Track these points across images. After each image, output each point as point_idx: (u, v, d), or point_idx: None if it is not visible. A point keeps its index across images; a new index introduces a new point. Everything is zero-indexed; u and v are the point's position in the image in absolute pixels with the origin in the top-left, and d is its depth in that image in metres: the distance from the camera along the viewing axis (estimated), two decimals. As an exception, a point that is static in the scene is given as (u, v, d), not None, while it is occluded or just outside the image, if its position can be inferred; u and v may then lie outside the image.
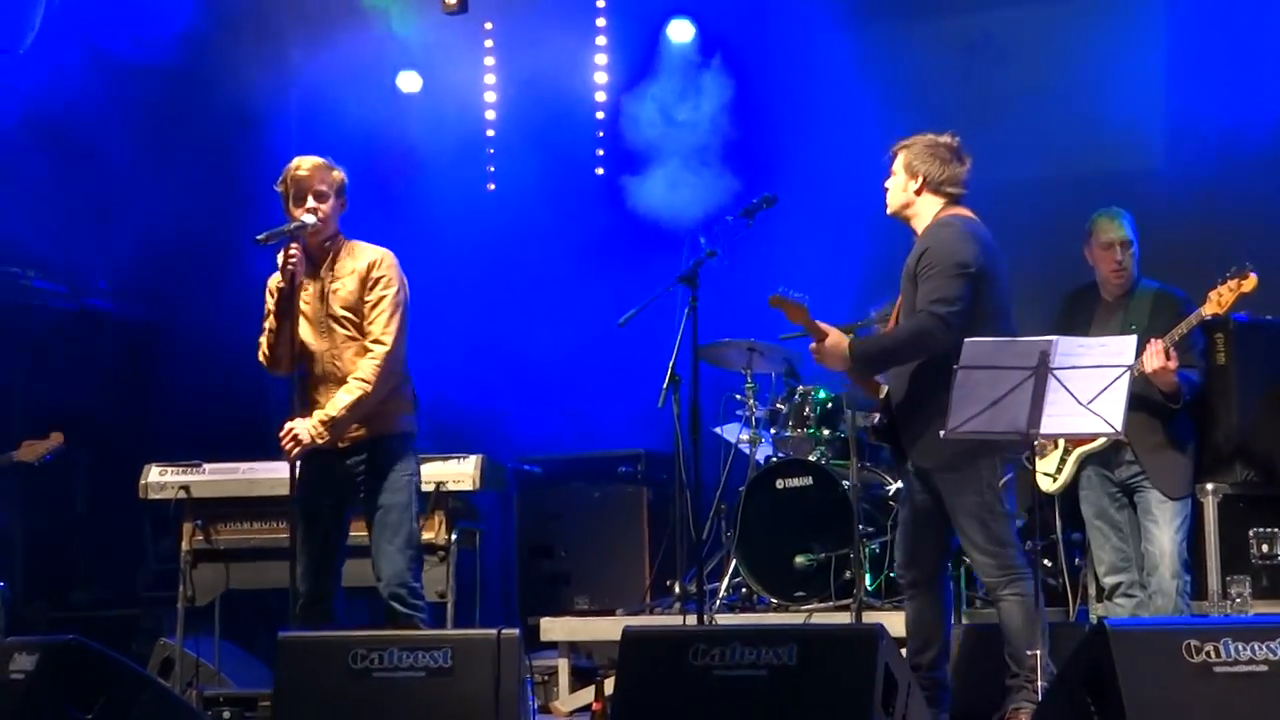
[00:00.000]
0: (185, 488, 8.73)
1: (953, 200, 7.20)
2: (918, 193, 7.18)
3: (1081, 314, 8.06)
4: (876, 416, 7.32)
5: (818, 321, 7.13)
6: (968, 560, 7.56)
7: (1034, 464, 8.08)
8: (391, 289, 7.23)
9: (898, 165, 7.24)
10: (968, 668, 7.73)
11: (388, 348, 7.14)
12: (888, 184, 7.30)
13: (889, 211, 7.33)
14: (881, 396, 7.27)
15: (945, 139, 7.24)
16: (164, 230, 12.50)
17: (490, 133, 12.73)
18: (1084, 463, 8.02)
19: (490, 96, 12.64)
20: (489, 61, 12.57)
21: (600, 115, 12.50)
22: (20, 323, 12.90)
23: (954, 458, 6.91)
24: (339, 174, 7.29)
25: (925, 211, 7.19)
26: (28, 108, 11.94)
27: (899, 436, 7.16)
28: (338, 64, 11.74)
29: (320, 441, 7.06)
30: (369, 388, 7.08)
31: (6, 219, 12.29)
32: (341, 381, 7.15)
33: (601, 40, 12.38)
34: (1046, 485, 8.11)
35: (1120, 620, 7.04)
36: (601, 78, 12.40)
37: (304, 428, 7.07)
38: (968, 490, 6.98)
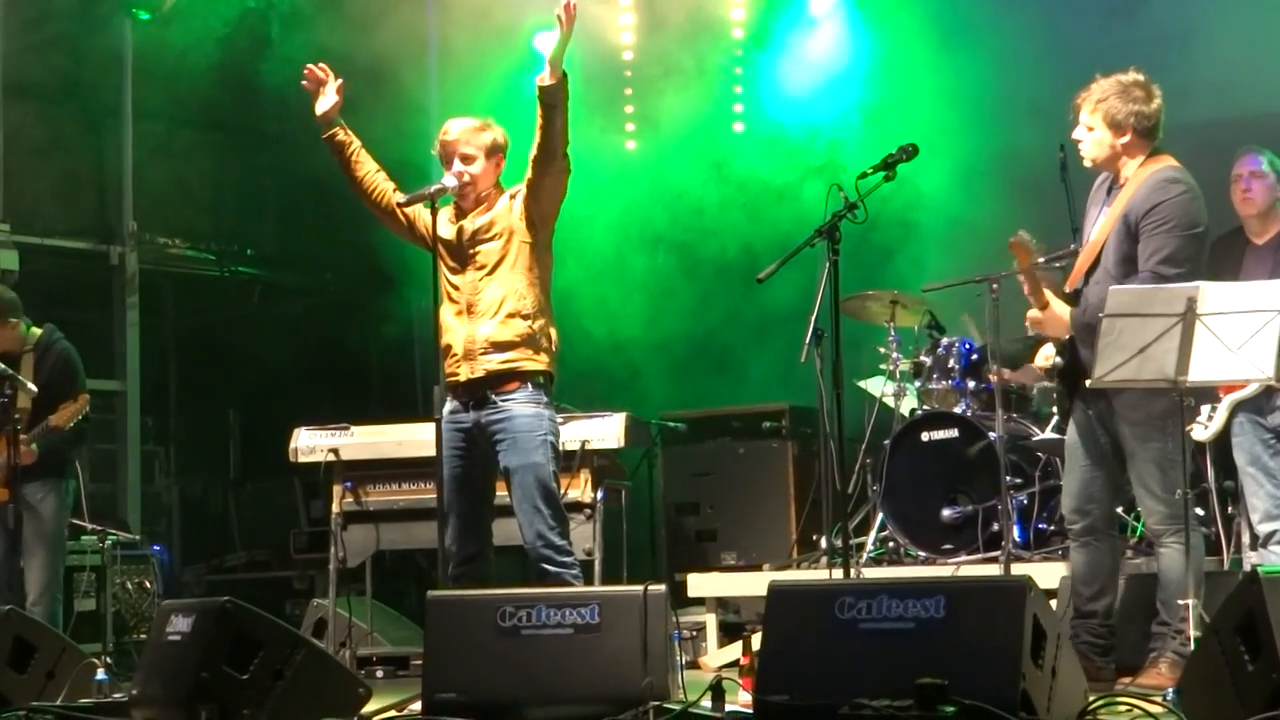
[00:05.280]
0: (334, 450, 8.81)
1: (1157, 144, 7.00)
2: (1125, 144, 6.96)
3: (1230, 259, 7.94)
4: (1051, 359, 7.17)
5: (1044, 287, 6.97)
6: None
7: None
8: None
9: (1095, 119, 6.98)
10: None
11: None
12: (1080, 136, 7.04)
13: (1091, 163, 7.10)
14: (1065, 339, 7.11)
15: (1134, 78, 7.01)
16: (309, 196, 12.65)
17: (628, 91, 12.74)
18: (1236, 409, 7.88)
19: (628, 56, 12.66)
20: (626, 21, 12.60)
21: (739, 70, 12.48)
22: (167, 290, 13.12)
23: (1156, 404, 6.82)
24: (492, 134, 7.17)
25: (1134, 159, 6.99)
26: (175, 78, 12.12)
27: (1078, 378, 6.99)
28: (473, 24, 11.79)
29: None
30: None
31: (155, 189, 12.50)
32: (484, 315, 7.06)
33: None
34: (1198, 433, 7.98)
35: (1274, 568, 6.94)
36: (739, 33, 12.38)
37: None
38: (1156, 435, 6.89)
